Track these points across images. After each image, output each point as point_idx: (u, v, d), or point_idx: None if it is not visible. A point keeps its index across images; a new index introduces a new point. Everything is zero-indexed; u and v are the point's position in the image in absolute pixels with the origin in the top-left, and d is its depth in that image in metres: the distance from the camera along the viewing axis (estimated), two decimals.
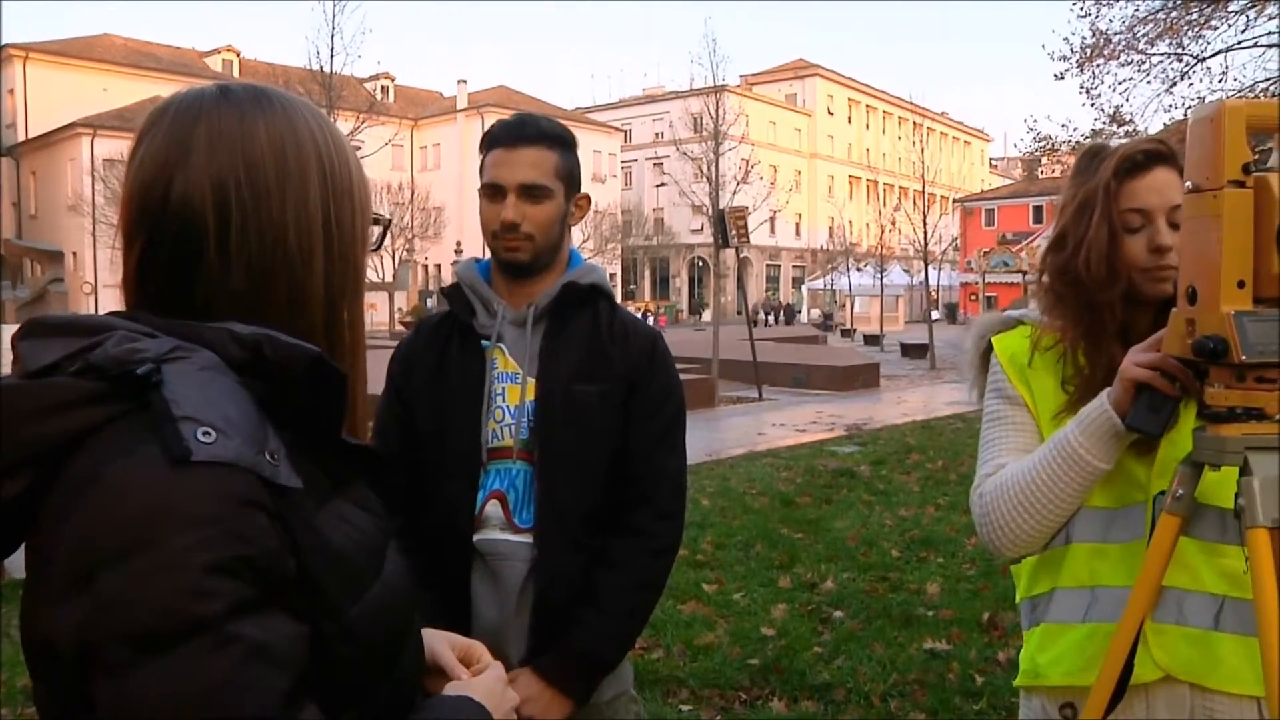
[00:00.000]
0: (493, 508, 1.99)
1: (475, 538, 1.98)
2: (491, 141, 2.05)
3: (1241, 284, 1.36)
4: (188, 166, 0.94)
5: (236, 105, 0.98)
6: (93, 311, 1.18)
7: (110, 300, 40.21)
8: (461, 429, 2.00)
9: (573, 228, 2.14)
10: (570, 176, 2.07)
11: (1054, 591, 1.75)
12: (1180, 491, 1.47)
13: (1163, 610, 1.62)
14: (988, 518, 1.72)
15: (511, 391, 2.01)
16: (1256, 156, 1.46)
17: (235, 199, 0.94)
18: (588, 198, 2.16)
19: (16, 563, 0.88)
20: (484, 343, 2.05)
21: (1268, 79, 14.40)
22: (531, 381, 2.01)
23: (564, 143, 2.07)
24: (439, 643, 1.16)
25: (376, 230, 1.11)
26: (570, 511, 1.97)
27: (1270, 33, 14.23)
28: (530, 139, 2.02)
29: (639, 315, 2.24)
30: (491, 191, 2.02)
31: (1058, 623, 1.74)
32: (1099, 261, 1.65)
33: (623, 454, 2.01)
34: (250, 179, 0.95)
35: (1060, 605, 1.74)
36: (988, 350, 1.87)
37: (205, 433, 0.80)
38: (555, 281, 2.06)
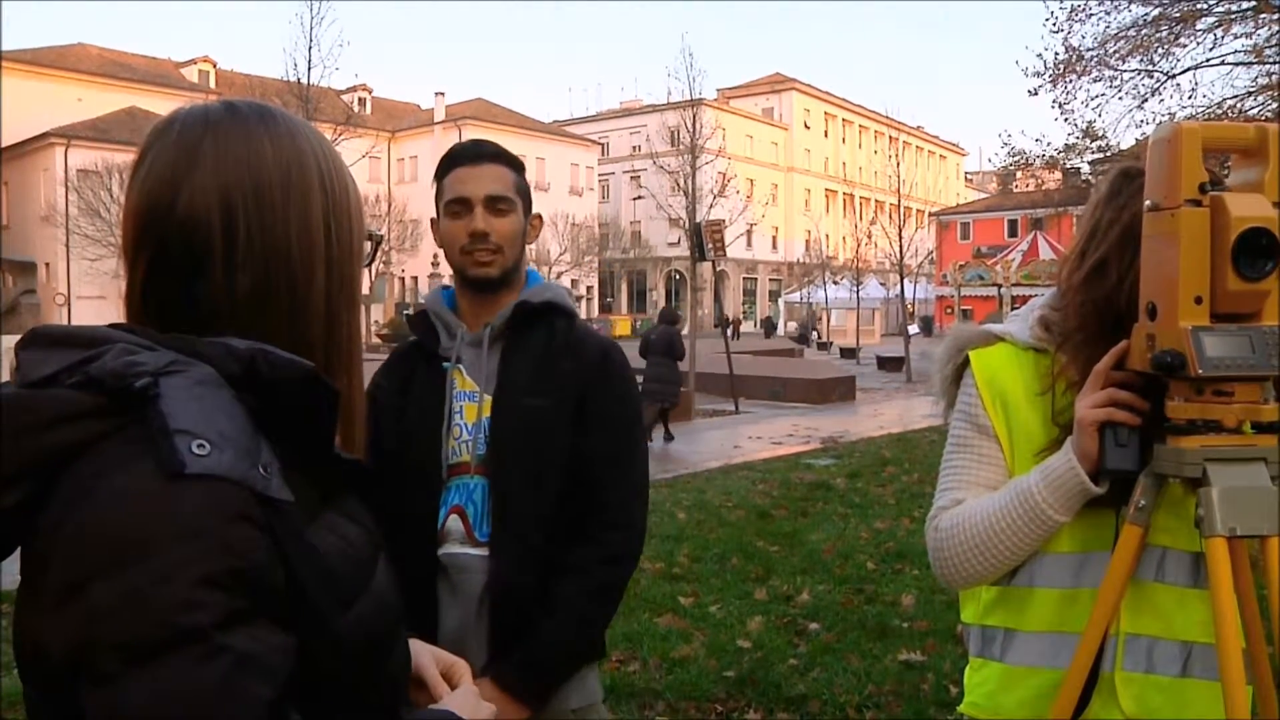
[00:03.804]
0: (454, 522, 2.06)
1: (439, 551, 2.05)
2: (452, 162, 2.15)
3: (1199, 300, 1.39)
4: (194, 179, 0.96)
5: (243, 121, 1.00)
6: (66, 322, 1.19)
7: (83, 312, 39.90)
8: (422, 447, 2.08)
9: (529, 245, 2.22)
10: (526, 195, 2.18)
11: (1015, 634, 1.69)
12: (1142, 502, 1.49)
13: (1132, 659, 1.59)
14: (940, 553, 1.69)
15: (469, 409, 2.09)
16: (1227, 173, 1.49)
17: (242, 212, 0.96)
18: (540, 217, 2.27)
19: (11, 575, 0.89)
20: (445, 364, 2.13)
21: (1235, 95, 14.61)
22: (488, 399, 2.08)
23: (518, 165, 2.20)
24: (424, 656, 1.19)
25: (367, 246, 1.14)
26: (524, 523, 2.02)
27: (1236, 51, 14.46)
28: (490, 157, 2.14)
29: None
30: (457, 207, 2.10)
31: (1024, 665, 1.67)
32: None
33: (578, 464, 2.05)
34: (256, 193, 0.97)
35: (1025, 649, 1.67)
36: (963, 365, 1.75)
37: (200, 446, 0.82)
38: (512, 301, 2.13)
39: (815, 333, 49.16)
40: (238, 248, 0.96)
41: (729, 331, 18.79)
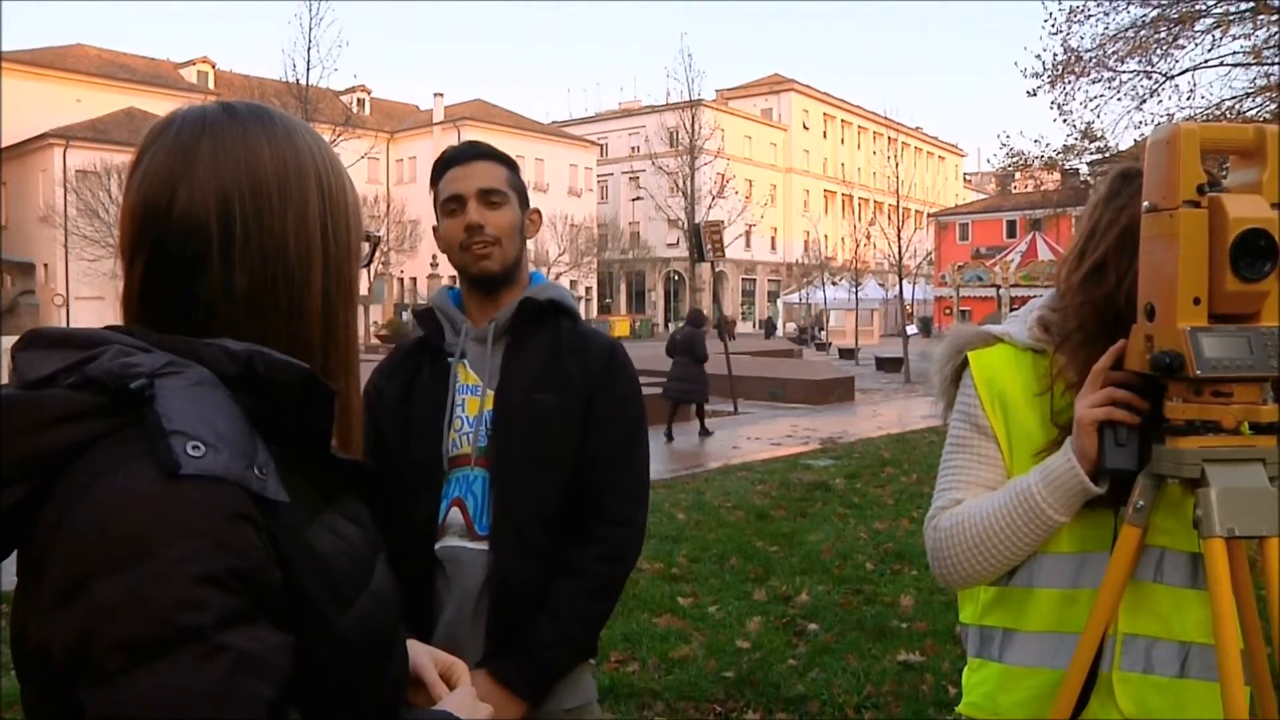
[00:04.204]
0: (454, 515, 2.07)
1: (437, 546, 2.06)
2: (445, 165, 2.18)
3: (1197, 301, 1.39)
4: (192, 179, 0.96)
5: (240, 122, 1.00)
6: (64, 324, 1.19)
7: (82, 312, 39.85)
8: (424, 439, 2.09)
9: (529, 240, 2.24)
10: (521, 190, 2.20)
11: (1014, 634, 1.69)
12: (1141, 503, 1.50)
13: (1130, 659, 1.59)
14: (939, 553, 1.70)
15: (471, 403, 2.10)
16: (1225, 174, 1.49)
17: (239, 212, 0.96)
18: (539, 212, 2.29)
19: (10, 575, 0.89)
20: (449, 359, 2.14)
21: (1233, 96, 14.62)
22: (490, 393, 2.09)
23: (510, 163, 2.22)
24: (423, 657, 1.19)
25: (365, 247, 1.14)
26: (525, 518, 2.02)
27: (1235, 52, 14.47)
28: (482, 155, 2.18)
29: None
30: (452, 206, 2.13)
31: (1022, 665, 1.68)
32: None
33: (582, 464, 2.07)
34: (254, 193, 0.97)
35: (1024, 649, 1.68)
36: (962, 366, 1.76)
37: (195, 447, 0.83)
38: (515, 299, 2.15)
39: (825, 332, 48.44)
40: (235, 248, 0.96)
41: (722, 333, 18.79)
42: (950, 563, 1.68)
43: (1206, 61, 14.77)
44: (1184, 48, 14.65)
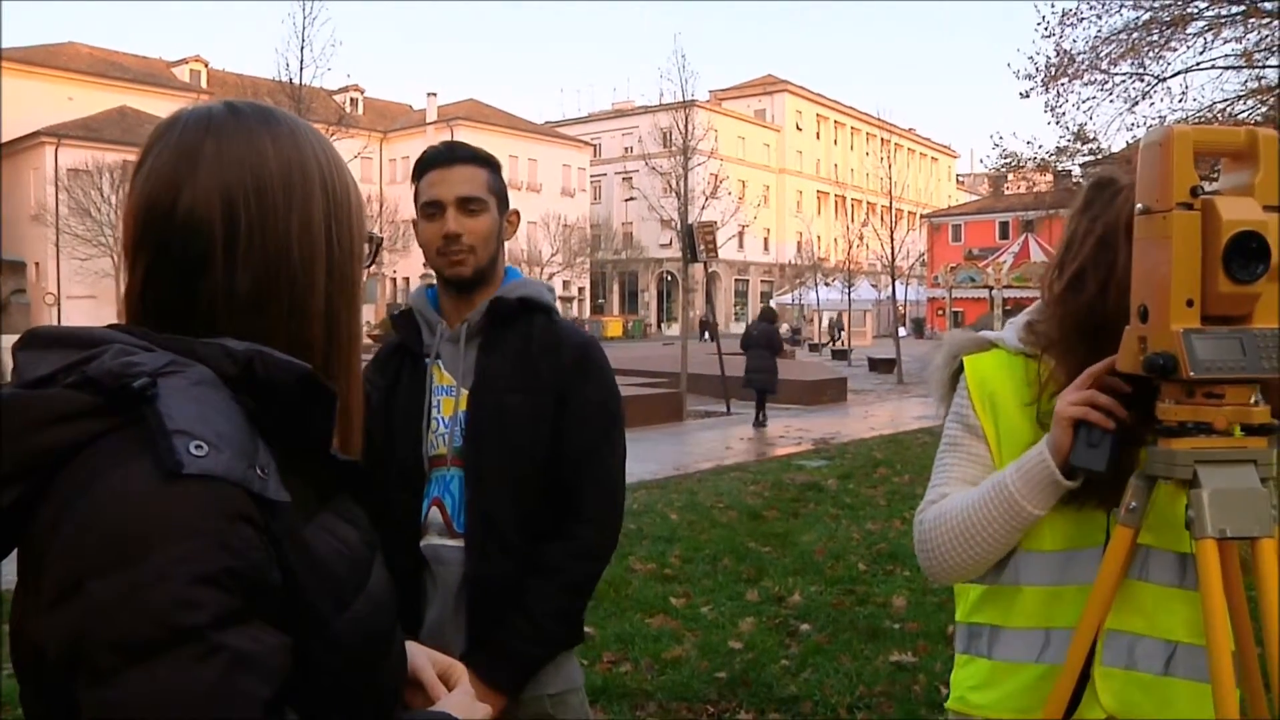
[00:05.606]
0: (434, 514, 2.12)
1: (421, 543, 2.11)
2: (425, 165, 2.19)
3: (1190, 303, 1.40)
4: (196, 179, 0.96)
5: (245, 122, 1.00)
6: (55, 322, 1.18)
7: (73, 312, 39.72)
8: (405, 443, 2.14)
9: (506, 242, 2.27)
10: (501, 193, 2.22)
11: (1001, 630, 1.72)
12: (1134, 504, 1.50)
13: (1113, 654, 1.60)
14: (925, 545, 1.73)
15: (446, 403, 2.15)
16: (1215, 177, 1.50)
17: (243, 212, 0.96)
18: (518, 213, 2.31)
19: (9, 576, 0.89)
20: (425, 360, 2.18)
21: (1225, 99, 14.66)
22: (465, 393, 2.13)
23: (492, 164, 2.23)
24: (421, 658, 1.19)
25: (368, 247, 1.14)
26: (499, 516, 2.07)
27: (1227, 55, 14.50)
28: (463, 159, 2.18)
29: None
30: (431, 210, 2.16)
31: (1008, 661, 1.70)
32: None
33: (555, 462, 2.10)
34: (258, 193, 0.97)
35: (1010, 644, 1.70)
36: (958, 370, 1.81)
37: (197, 446, 0.82)
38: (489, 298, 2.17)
39: (842, 332, 47.29)
40: (238, 248, 0.96)
41: (705, 334, 18.87)
42: (935, 556, 1.71)
43: (1198, 64, 14.79)
44: (1176, 50, 14.68)
